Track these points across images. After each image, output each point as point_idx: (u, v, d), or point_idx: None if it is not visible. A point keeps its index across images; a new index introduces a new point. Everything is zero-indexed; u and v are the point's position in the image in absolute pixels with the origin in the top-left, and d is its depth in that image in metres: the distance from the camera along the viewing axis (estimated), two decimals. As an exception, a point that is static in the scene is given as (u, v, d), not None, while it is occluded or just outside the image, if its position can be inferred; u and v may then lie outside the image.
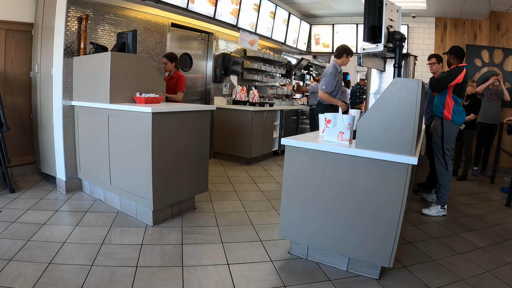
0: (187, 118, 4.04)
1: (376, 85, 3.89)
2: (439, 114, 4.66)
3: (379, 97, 2.81)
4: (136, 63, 4.29)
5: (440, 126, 4.66)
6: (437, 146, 4.72)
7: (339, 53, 5.64)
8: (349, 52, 5.62)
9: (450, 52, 4.70)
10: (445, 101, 4.62)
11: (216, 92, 7.57)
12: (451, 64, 4.69)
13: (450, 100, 4.61)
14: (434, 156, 4.78)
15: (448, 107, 4.61)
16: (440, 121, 4.66)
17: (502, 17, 7.76)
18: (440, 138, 4.67)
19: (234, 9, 6.71)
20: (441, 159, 4.69)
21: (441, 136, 4.65)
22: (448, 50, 4.73)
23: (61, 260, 2.97)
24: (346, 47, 5.65)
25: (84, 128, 4.52)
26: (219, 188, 5.38)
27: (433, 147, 4.77)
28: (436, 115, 4.73)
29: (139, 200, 3.85)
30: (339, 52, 5.64)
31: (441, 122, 4.66)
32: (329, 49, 9.95)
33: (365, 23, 3.24)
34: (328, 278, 2.95)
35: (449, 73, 4.55)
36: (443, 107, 4.63)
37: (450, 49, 4.71)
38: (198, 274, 2.90)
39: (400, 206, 2.70)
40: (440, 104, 4.66)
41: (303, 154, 3.05)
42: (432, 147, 4.79)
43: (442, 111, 4.63)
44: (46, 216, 3.85)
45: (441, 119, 4.65)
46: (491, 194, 6.02)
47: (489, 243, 3.90)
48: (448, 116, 4.61)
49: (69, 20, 4.45)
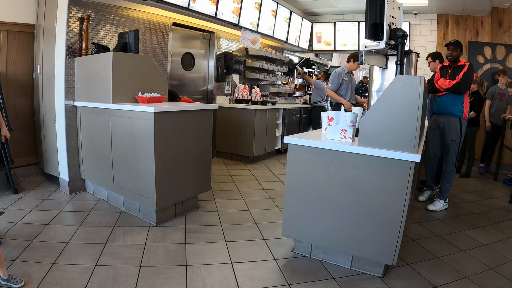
0: (189, 117, 4.04)
1: (378, 82, 3.88)
2: (460, 113, 4.61)
3: (381, 94, 2.80)
4: (138, 63, 4.29)
5: (458, 125, 4.64)
6: (455, 145, 4.70)
7: (348, 58, 6.51)
8: (356, 58, 6.31)
9: (457, 46, 4.59)
10: (464, 100, 4.60)
11: (219, 91, 7.57)
12: (457, 59, 4.61)
13: (467, 99, 4.62)
14: (448, 155, 4.76)
15: (466, 106, 4.61)
16: (459, 120, 4.64)
17: (504, 14, 7.73)
18: (459, 137, 4.67)
19: (235, 8, 6.70)
20: (454, 157, 4.71)
21: (461, 135, 4.67)
22: (453, 43, 4.61)
23: (65, 260, 2.98)
24: (355, 53, 6.39)
25: (86, 128, 4.53)
26: (222, 187, 5.38)
27: (450, 147, 4.71)
28: (455, 115, 4.63)
29: (142, 200, 3.86)
30: (348, 57, 6.51)
31: (459, 121, 4.64)
32: (331, 47, 9.92)
33: (366, 20, 3.23)
34: (332, 276, 2.95)
35: (471, 72, 4.49)
36: (462, 106, 4.60)
37: (456, 43, 4.61)
38: (201, 273, 2.91)
39: (404, 204, 2.70)
40: (459, 103, 4.59)
41: (306, 152, 3.05)
42: (449, 146, 4.72)
43: (463, 110, 4.61)
44: (49, 217, 3.87)
45: (459, 119, 4.64)
46: (495, 191, 6.00)
47: (493, 240, 3.89)
48: (466, 114, 4.64)
49: (71, 21, 4.46)
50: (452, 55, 4.61)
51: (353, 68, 6.47)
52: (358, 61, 6.25)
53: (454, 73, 4.59)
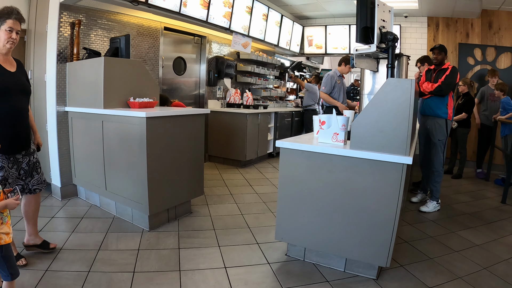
0: (181, 122, 4.04)
1: (369, 85, 3.89)
2: (445, 115, 4.75)
3: (372, 97, 2.82)
4: (129, 68, 4.28)
5: (444, 126, 4.77)
6: (441, 144, 4.81)
7: (339, 62, 6.54)
8: (347, 61, 6.39)
9: (441, 50, 4.75)
10: (448, 102, 4.74)
11: (210, 95, 7.57)
12: (443, 62, 4.77)
13: (451, 100, 4.78)
14: (436, 155, 4.84)
15: (450, 107, 4.76)
16: (445, 122, 4.76)
17: (494, 15, 7.80)
18: (445, 136, 4.81)
19: (226, 12, 6.71)
20: (442, 157, 4.82)
21: (446, 134, 4.81)
22: (438, 47, 4.75)
23: (58, 267, 2.96)
24: (347, 57, 6.50)
25: (78, 133, 4.50)
26: (214, 191, 5.37)
27: (437, 146, 4.81)
28: (440, 116, 4.76)
29: (135, 205, 3.84)
30: (339, 61, 6.55)
31: (445, 122, 4.76)
32: (322, 50, 9.94)
33: (357, 24, 3.24)
34: (326, 279, 2.95)
35: (453, 75, 4.65)
36: (447, 108, 4.74)
37: (440, 47, 4.75)
38: (195, 278, 2.90)
39: (396, 206, 2.71)
40: (443, 105, 4.74)
41: (298, 156, 3.05)
42: (436, 145, 4.82)
43: (447, 112, 4.74)
44: (42, 223, 3.82)
45: (445, 120, 4.76)
46: (486, 192, 6.05)
47: (486, 240, 3.91)
48: (450, 115, 4.79)
49: (62, 26, 4.45)
50: (437, 59, 4.77)
51: (345, 71, 6.50)
52: (349, 64, 6.29)
53: (438, 76, 4.76)
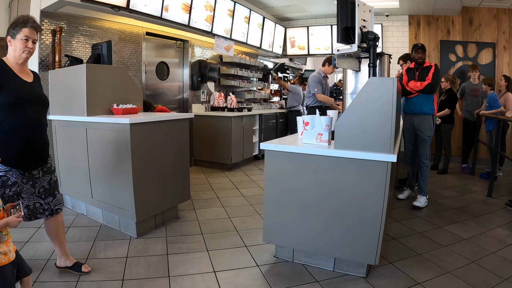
0: (165, 127, 4.02)
1: (352, 85, 3.92)
2: (432, 111, 4.87)
3: (355, 97, 2.84)
4: (112, 74, 4.24)
5: (432, 122, 4.90)
6: (430, 139, 4.94)
7: (323, 62, 6.61)
8: (330, 62, 6.39)
9: (424, 49, 4.86)
10: (433, 99, 4.87)
11: (194, 99, 7.55)
12: (424, 61, 4.87)
13: (435, 97, 4.94)
14: (424, 150, 4.93)
15: (435, 103, 4.90)
16: (432, 118, 4.89)
17: (474, 12, 7.92)
18: (433, 132, 4.96)
19: (208, 15, 6.70)
20: (428, 151, 4.93)
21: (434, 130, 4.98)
22: (421, 46, 4.82)
23: (46, 278, 2.92)
24: (330, 57, 6.50)
25: (62, 142, 4.45)
26: (201, 195, 5.35)
27: (426, 141, 4.92)
28: (428, 113, 4.87)
29: (122, 213, 3.81)
30: (323, 61, 6.63)
31: (432, 118, 4.89)
32: (305, 51, 9.98)
33: (338, 24, 3.26)
34: (315, 280, 2.96)
35: (438, 72, 4.80)
36: (433, 104, 4.88)
37: (423, 46, 4.83)
38: (185, 283, 2.88)
39: (382, 203, 2.73)
40: (430, 102, 4.86)
41: (283, 157, 3.06)
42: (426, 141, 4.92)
43: (434, 108, 4.88)
44: (28, 234, 3.77)
45: (432, 116, 4.88)
46: (472, 186, 6.13)
47: (473, 234, 3.96)
48: (436, 111, 5.01)
49: (43, 33, 4.41)
50: (422, 58, 4.85)
51: (328, 71, 6.54)
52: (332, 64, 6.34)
53: (422, 74, 4.85)
